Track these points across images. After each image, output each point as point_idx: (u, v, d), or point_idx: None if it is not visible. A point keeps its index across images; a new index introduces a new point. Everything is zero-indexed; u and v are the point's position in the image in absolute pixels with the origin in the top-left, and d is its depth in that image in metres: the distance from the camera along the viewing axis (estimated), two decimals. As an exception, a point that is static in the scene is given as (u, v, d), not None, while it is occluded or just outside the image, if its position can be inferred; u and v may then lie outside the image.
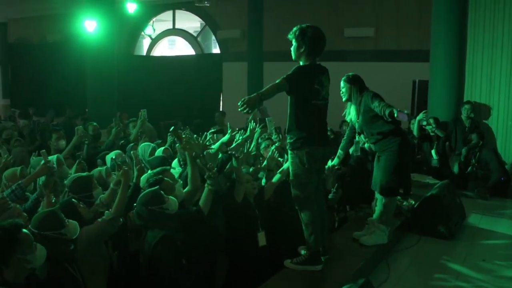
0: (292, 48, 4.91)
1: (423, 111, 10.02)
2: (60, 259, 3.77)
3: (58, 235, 3.74)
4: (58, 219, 3.81)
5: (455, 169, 9.89)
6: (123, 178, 4.57)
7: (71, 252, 3.87)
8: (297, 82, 4.73)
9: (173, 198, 4.53)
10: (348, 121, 6.13)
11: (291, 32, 4.89)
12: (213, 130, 7.67)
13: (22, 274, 3.38)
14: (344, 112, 6.10)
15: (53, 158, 6.14)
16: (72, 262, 3.90)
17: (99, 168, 6.05)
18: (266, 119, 7.44)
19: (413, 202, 7.26)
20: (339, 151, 6.43)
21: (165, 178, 4.91)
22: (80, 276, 3.92)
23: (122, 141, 8.40)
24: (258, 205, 5.41)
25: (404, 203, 7.24)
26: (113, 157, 6.24)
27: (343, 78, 5.85)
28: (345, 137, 6.49)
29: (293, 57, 4.95)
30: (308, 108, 4.83)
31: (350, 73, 5.89)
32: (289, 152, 4.99)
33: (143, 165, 5.54)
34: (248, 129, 7.05)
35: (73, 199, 4.48)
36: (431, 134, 10.06)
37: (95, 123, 9.45)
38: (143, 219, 4.36)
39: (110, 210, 4.37)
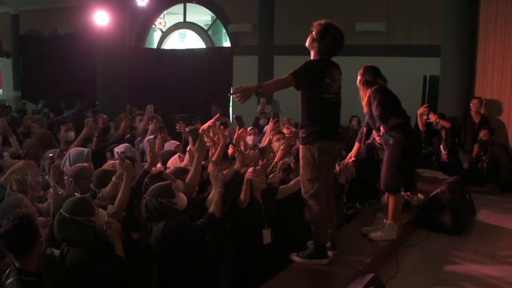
0: (310, 36, 4.89)
1: (424, 105, 9.98)
2: (89, 245, 3.86)
3: (88, 222, 3.85)
4: (89, 206, 3.95)
5: (466, 164, 9.84)
6: (125, 171, 4.60)
7: (95, 240, 3.96)
8: (305, 77, 4.71)
9: (182, 195, 4.52)
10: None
11: (317, 23, 4.85)
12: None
13: (33, 265, 3.48)
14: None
15: None
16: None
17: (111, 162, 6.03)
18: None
19: (423, 198, 7.24)
20: (356, 143, 6.40)
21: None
22: None
23: (128, 135, 8.39)
24: (268, 204, 5.40)
25: (414, 198, 7.21)
26: (123, 150, 6.24)
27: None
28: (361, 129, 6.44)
29: (307, 43, 4.93)
30: (320, 103, 4.80)
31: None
32: (301, 146, 4.97)
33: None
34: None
35: (75, 193, 4.52)
36: (436, 127, 9.96)
37: (105, 116, 9.46)
38: (150, 212, 4.35)
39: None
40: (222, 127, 6.01)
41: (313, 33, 4.85)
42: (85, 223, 3.83)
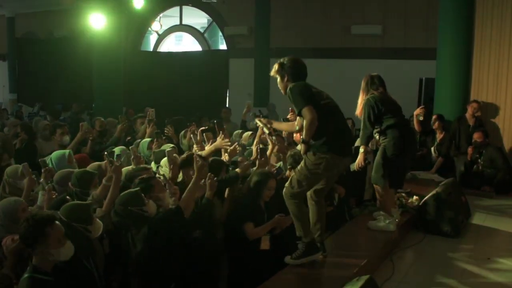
0: (278, 84, 5.01)
1: (421, 107, 10.02)
2: (81, 253, 3.81)
3: (84, 230, 3.85)
4: (88, 215, 3.93)
5: (461, 167, 9.85)
6: (115, 174, 4.58)
7: (91, 247, 3.97)
8: (310, 96, 4.73)
9: (152, 202, 4.46)
10: None
11: (272, 71, 5.04)
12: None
13: (48, 264, 3.48)
14: None
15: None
16: (89, 257, 3.96)
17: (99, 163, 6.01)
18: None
19: (418, 200, 7.25)
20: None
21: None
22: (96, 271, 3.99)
23: (129, 138, 8.38)
24: (269, 209, 5.44)
25: (409, 200, 7.23)
26: (118, 153, 6.25)
27: None
28: None
29: (283, 92, 4.97)
30: (321, 109, 4.74)
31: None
32: (309, 152, 4.79)
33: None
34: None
35: (67, 197, 4.52)
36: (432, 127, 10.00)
37: (102, 119, 9.45)
38: (120, 218, 4.30)
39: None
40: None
41: (277, 78, 5.02)
42: (80, 231, 3.81)
